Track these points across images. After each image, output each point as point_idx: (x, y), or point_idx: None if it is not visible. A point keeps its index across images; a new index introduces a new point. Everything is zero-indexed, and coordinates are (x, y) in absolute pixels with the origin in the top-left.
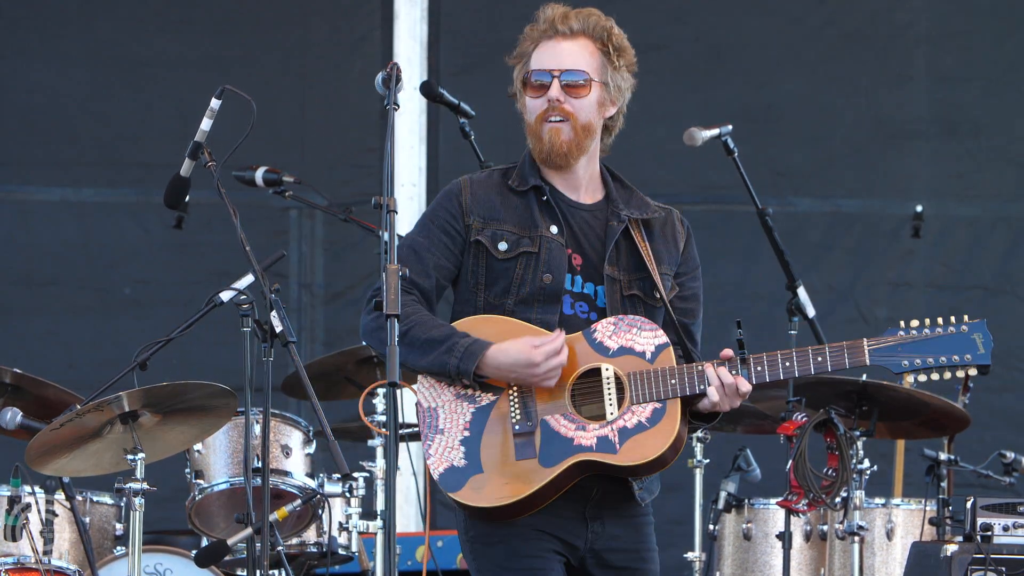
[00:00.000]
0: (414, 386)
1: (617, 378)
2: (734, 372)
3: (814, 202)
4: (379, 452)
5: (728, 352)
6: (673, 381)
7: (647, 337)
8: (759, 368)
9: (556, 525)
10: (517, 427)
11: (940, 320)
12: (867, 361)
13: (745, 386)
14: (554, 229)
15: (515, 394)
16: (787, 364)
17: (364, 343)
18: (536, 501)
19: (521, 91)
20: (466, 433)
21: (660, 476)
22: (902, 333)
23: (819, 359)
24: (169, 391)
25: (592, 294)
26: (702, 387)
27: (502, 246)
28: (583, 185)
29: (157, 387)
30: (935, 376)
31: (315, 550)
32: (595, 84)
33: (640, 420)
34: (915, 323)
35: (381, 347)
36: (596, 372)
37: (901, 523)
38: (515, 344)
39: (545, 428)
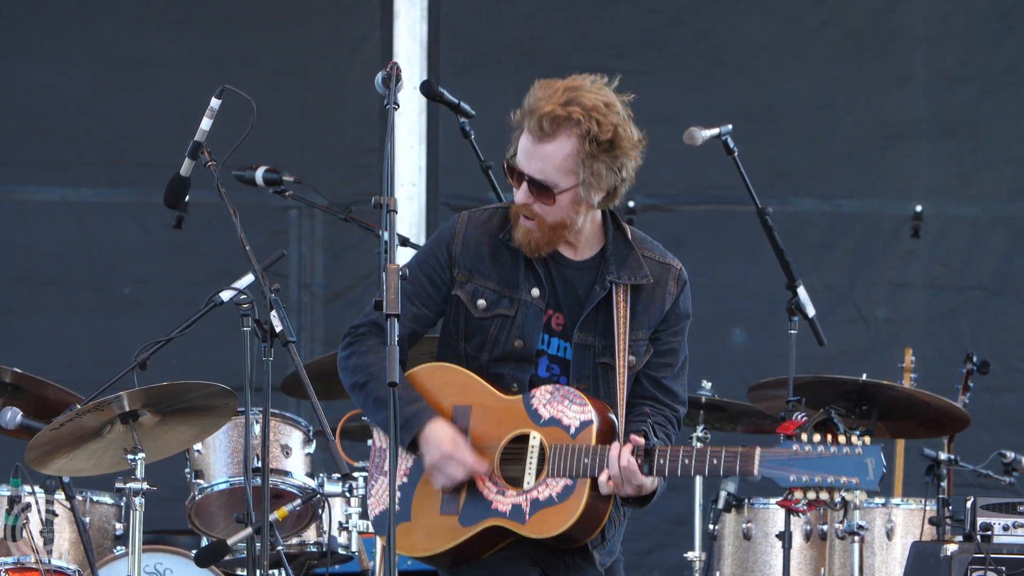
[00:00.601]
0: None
1: (542, 447)
2: (639, 460)
3: (814, 202)
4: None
5: (638, 439)
6: (586, 460)
7: (575, 412)
8: (661, 461)
9: (534, 553)
10: None
11: (841, 439)
12: (755, 473)
13: (637, 478)
14: (536, 292)
15: (456, 430)
16: (686, 461)
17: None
18: (459, 557)
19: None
20: (404, 479)
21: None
22: (797, 447)
23: (714, 461)
24: (169, 391)
25: (568, 357)
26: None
27: (480, 303)
28: (580, 244)
29: (157, 387)
30: (824, 496)
31: (315, 550)
32: (564, 193)
33: (551, 494)
34: (816, 438)
35: (348, 388)
36: (527, 437)
37: (901, 523)
38: (445, 439)
39: (471, 487)
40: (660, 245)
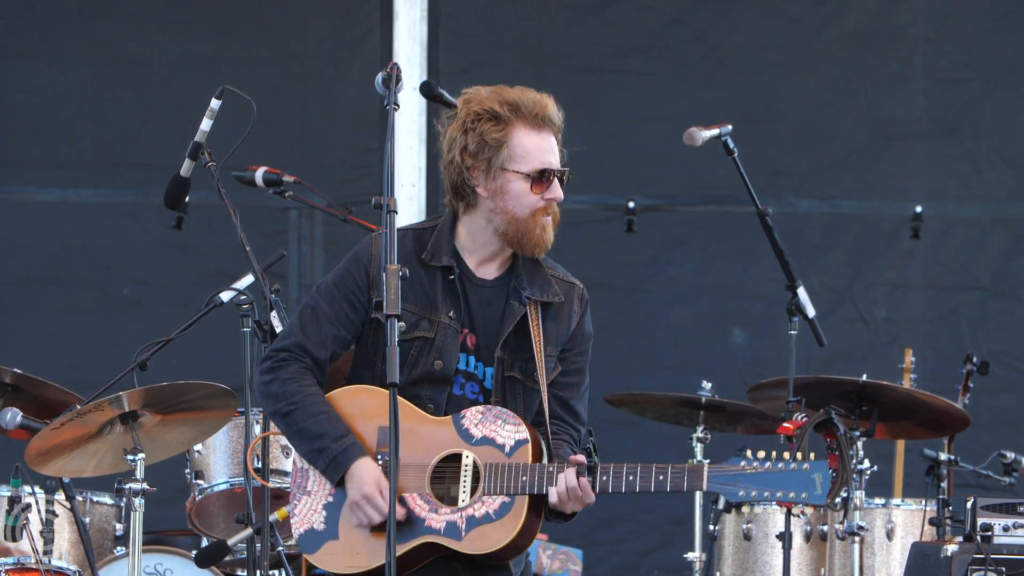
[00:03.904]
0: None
1: (475, 466)
2: (582, 477)
3: (813, 203)
4: None
5: (579, 458)
6: (524, 478)
7: (509, 431)
8: (604, 478)
9: (443, 574)
10: None
11: (786, 455)
12: (704, 487)
13: (589, 496)
14: (452, 314)
15: (380, 467)
16: (631, 478)
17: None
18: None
19: (513, 179)
20: (330, 499)
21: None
22: (744, 464)
23: (660, 477)
24: (169, 391)
25: (481, 376)
26: (550, 487)
27: (400, 325)
28: (496, 259)
29: (157, 387)
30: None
31: None
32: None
33: (488, 511)
34: (761, 454)
35: (270, 414)
36: (458, 457)
37: (901, 523)
38: (369, 480)
39: (402, 505)
40: (559, 264)
